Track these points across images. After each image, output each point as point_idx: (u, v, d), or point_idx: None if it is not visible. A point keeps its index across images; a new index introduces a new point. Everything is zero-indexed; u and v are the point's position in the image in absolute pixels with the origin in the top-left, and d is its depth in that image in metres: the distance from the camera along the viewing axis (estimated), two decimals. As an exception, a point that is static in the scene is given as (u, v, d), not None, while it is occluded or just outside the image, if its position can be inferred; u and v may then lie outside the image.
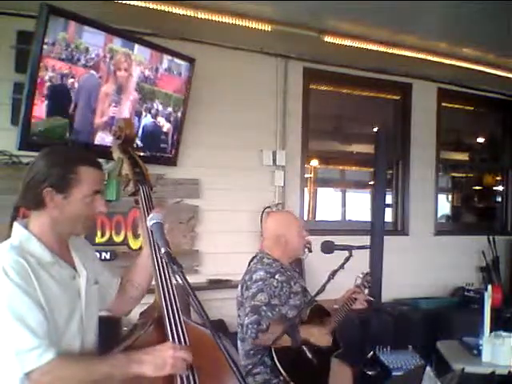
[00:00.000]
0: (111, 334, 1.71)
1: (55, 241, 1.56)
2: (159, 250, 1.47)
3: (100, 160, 1.65)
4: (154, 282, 1.65)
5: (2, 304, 1.38)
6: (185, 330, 1.52)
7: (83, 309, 1.58)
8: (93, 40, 3.03)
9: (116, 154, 1.87)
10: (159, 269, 1.60)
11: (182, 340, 1.51)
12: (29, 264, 1.44)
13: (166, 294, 1.56)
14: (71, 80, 2.97)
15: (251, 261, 2.75)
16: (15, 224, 1.55)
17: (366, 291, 2.72)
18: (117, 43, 3.16)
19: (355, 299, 2.65)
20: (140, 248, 2.73)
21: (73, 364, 1.43)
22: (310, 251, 2.80)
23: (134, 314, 1.80)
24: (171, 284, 1.58)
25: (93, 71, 3.07)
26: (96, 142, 3.16)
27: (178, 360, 1.43)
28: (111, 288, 1.80)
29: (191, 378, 1.47)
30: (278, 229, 2.72)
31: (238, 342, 2.59)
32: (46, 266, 1.49)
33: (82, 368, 1.43)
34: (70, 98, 2.99)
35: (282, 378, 2.34)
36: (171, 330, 1.51)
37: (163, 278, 1.59)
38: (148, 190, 1.78)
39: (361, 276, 2.73)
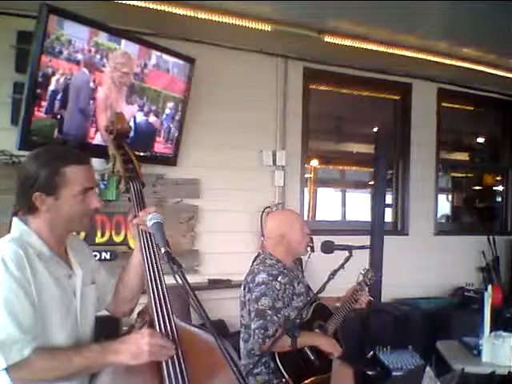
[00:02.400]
0: (111, 334, 1.71)
1: (53, 240, 1.57)
2: (159, 249, 1.47)
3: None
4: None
5: None
6: (173, 325, 1.51)
7: (78, 308, 1.58)
8: (76, 33, 2.91)
9: (110, 151, 1.83)
10: (149, 265, 1.59)
11: (170, 335, 1.49)
12: (27, 255, 1.45)
13: (156, 292, 1.54)
14: (56, 76, 2.88)
15: (254, 261, 2.74)
16: (15, 219, 1.56)
17: (367, 289, 2.69)
18: (103, 37, 3.07)
19: (356, 300, 2.63)
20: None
21: (49, 357, 1.42)
22: (313, 250, 2.79)
23: (134, 314, 1.80)
24: (161, 280, 1.56)
25: (85, 69, 2.99)
26: (96, 142, 3.15)
27: (155, 347, 1.41)
28: (107, 289, 1.80)
29: (177, 365, 1.45)
30: (280, 228, 2.70)
31: (241, 341, 2.59)
32: (44, 260, 1.50)
33: (58, 361, 1.42)
34: (56, 96, 2.92)
35: (284, 380, 2.33)
36: (159, 326, 1.50)
37: (152, 274, 1.57)
38: (139, 186, 1.74)
39: (362, 272, 2.71)
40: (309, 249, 2.77)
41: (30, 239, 1.51)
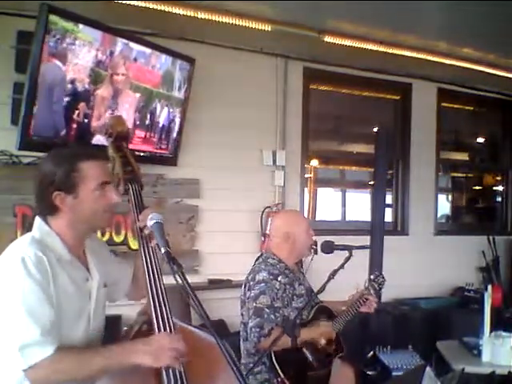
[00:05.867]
0: (111, 334, 1.71)
1: (74, 241, 1.58)
2: (159, 249, 1.47)
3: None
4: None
5: (16, 296, 1.39)
6: (172, 325, 1.50)
7: (91, 310, 1.60)
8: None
9: (109, 153, 1.84)
10: (148, 267, 1.59)
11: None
12: (48, 259, 1.46)
13: (155, 293, 1.54)
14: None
15: (257, 260, 2.75)
16: (37, 218, 1.56)
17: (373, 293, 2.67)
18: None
19: (364, 301, 2.62)
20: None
21: (68, 357, 1.42)
22: (316, 253, 2.78)
23: (134, 314, 1.80)
24: (160, 282, 1.56)
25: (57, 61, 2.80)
26: (94, 142, 3.14)
27: (175, 351, 1.41)
28: (126, 277, 1.83)
29: (177, 371, 1.44)
30: (286, 227, 2.69)
31: (241, 340, 2.59)
32: (64, 264, 1.52)
33: (77, 361, 1.42)
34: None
35: (279, 379, 2.33)
36: (158, 326, 1.49)
37: (152, 276, 1.57)
38: (138, 188, 1.75)
39: (372, 277, 2.70)
40: (312, 251, 2.77)
41: (51, 242, 1.52)
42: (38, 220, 1.56)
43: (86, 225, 1.60)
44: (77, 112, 3.03)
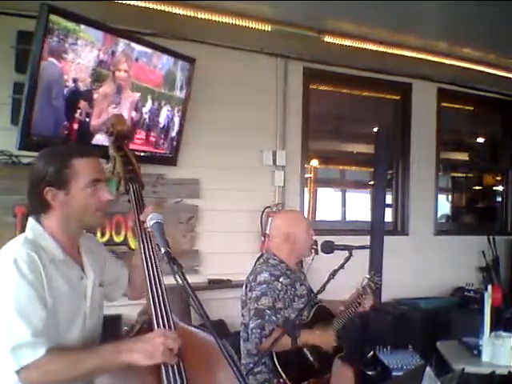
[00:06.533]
0: (111, 334, 1.71)
1: (66, 239, 1.58)
2: (159, 249, 1.47)
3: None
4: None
5: (7, 297, 1.39)
6: (172, 325, 1.50)
7: (87, 310, 1.60)
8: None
9: (110, 152, 1.84)
10: (148, 266, 1.59)
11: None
12: (41, 260, 1.45)
13: (155, 292, 1.53)
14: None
15: (257, 260, 2.74)
16: (30, 219, 1.57)
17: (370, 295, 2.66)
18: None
19: (360, 303, 2.62)
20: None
21: (61, 358, 1.41)
22: (317, 253, 2.77)
23: (134, 314, 1.80)
24: (160, 282, 1.56)
25: (52, 59, 2.80)
26: (95, 142, 3.14)
27: (168, 347, 1.40)
28: (124, 277, 1.84)
29: (176, 368, 1.43)
30: (286, 227, 2.69)
31: (241, 340, 2.59)
32: (57, 264, 1.51)
33: (70, 362, 1.40)
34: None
35: (281, 380, 2.33)
36: (158, 326, 1.48)
37: (152, 275, 1.57)
38: (139, 188, 1.75)
39: (368, 276, 2.70)
40: (313, 251, 2.77)
41: (44, 242, 1.52)
42: (30, 220, 1.56)
43: (78, 222, 1.59)
44: (78, 111, 3.04)
